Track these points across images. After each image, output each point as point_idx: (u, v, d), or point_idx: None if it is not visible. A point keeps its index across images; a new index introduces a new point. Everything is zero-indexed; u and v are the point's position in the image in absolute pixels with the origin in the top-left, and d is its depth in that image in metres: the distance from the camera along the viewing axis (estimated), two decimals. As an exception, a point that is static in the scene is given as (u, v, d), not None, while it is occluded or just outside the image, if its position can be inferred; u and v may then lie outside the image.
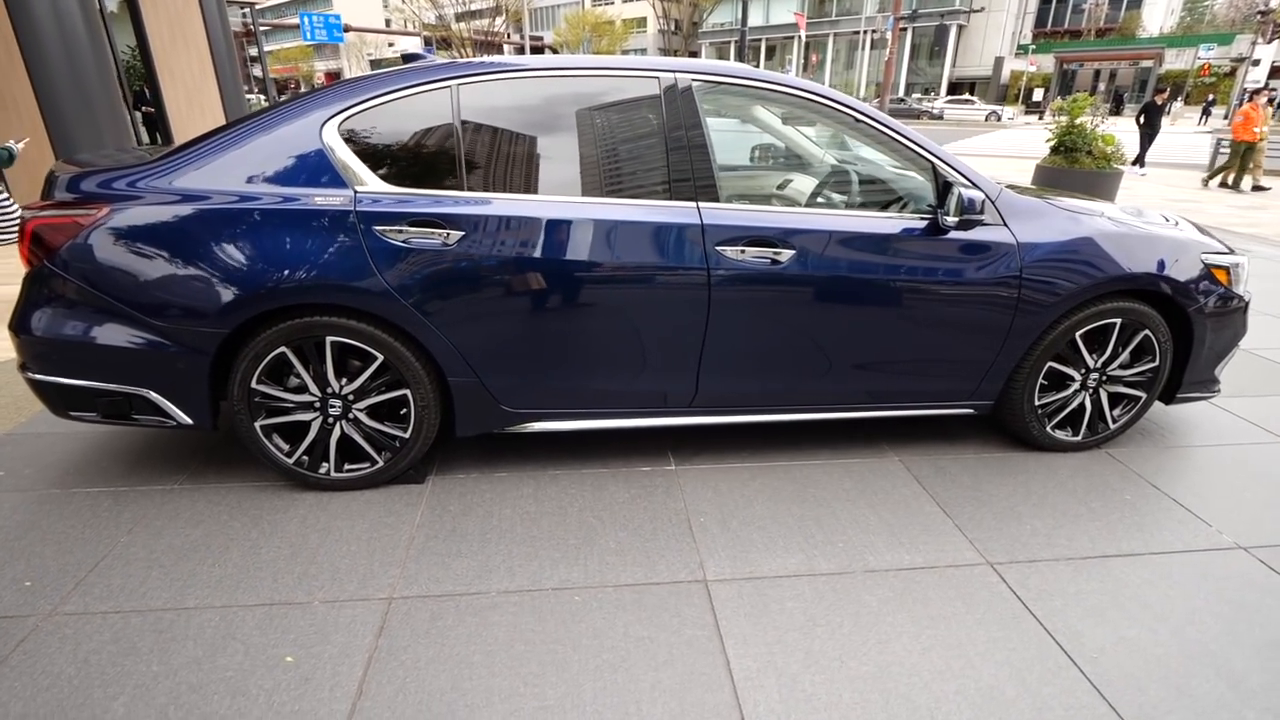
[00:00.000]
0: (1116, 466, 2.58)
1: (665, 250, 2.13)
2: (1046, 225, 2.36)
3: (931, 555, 2.06)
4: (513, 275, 2.08)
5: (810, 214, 2.28)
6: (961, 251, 2.28)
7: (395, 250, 2.01)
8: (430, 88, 2.08)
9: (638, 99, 2.17)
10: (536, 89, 2.13)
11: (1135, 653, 1.71)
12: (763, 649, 1.70)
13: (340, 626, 1.74)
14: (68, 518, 2.14)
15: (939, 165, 2.30)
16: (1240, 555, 2.10)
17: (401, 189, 2.05)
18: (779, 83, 2.27)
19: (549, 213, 2.08)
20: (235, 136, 2.04)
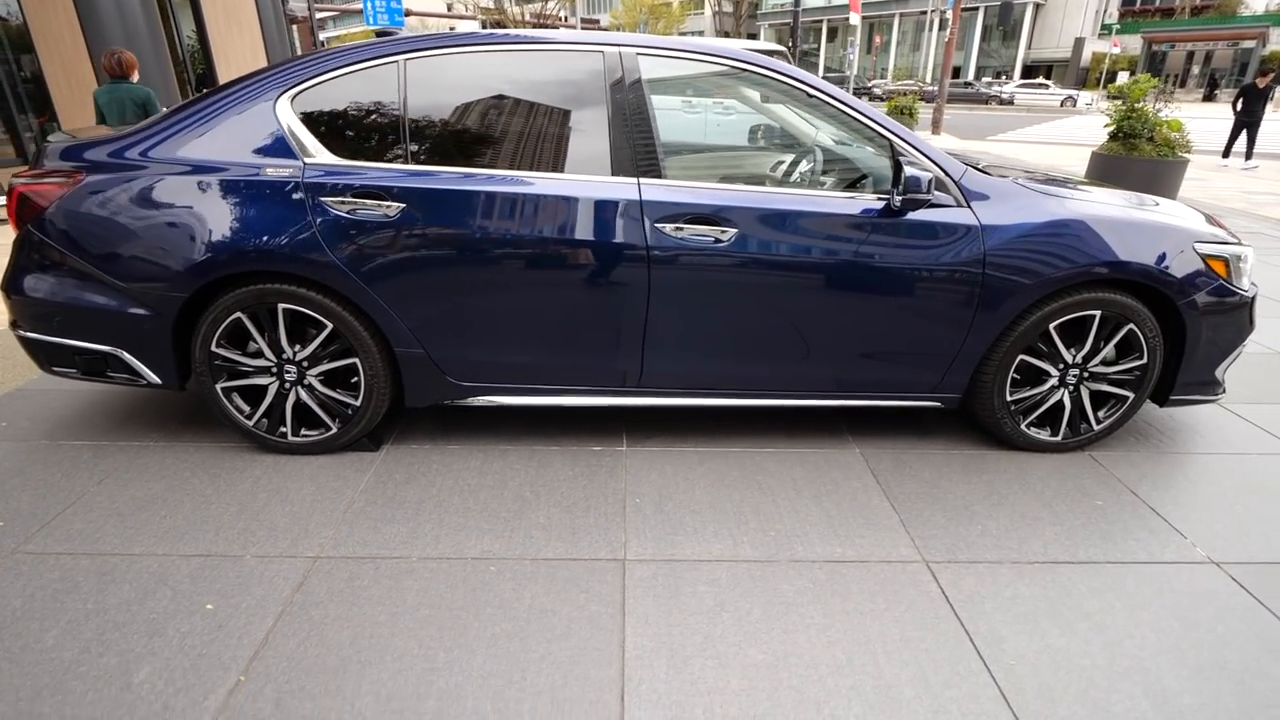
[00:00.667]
0: (1096, 470, 2.43)
1: (603, 226, 2.11)
2: (1014, 208, 2.22)
3: (865, 549, 1.99)
4: (452, 248, 2.11)
5: (754, 191, 2.21)
6: (917, 234, 2.18)
7: (340, 221, 2.07)
8: (379, 63, 2.12)
9: (581, 73, 2.14)
10: (482, 63, 2.14)
11: (1058, 663, 1.62)
12: (662, 630, 1.69)
13: (264, 580, 1.82)
14: (50, 466, 2.31)
15: (896, 143, 2.19)
16: (1210, 571, 1.94)
17: (348, 161, 2.10)
18: (724, 56, 2.20)
19: (488, 186, 2.09)
20: (202, 109, 2.13)
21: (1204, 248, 2.29)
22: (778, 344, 2.28)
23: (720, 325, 2.24)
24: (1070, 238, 2.20)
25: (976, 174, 2.25)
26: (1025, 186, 2.29)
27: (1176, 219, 2.34)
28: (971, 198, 2.21)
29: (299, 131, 2.10)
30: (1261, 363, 3.43)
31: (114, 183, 2.08)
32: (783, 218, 2.15)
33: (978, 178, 2.24)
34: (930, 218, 2.18)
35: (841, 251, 2.17)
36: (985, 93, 31.04)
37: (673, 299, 2.19)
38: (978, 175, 2.25)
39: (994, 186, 2.25)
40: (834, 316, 2.24)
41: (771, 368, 2.33)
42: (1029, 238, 2.19)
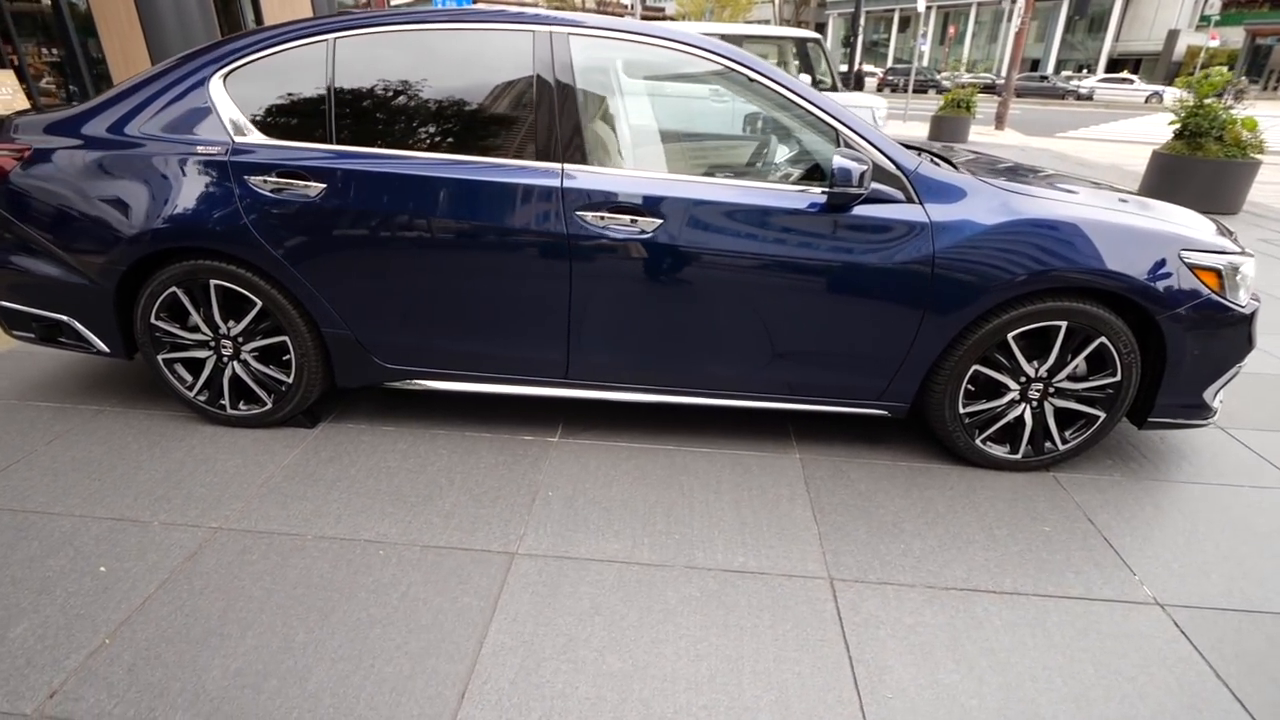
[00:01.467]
0: (1055, 493, 2.23)
1: (524, 213, 2.05)
2: (972, 205, 2.04)
3: (769, 561, 1.89)
4: (373, 231, 2.10)
5: (684, 181, 2.10)
6: (860, 229, 2.03)
7: (264, 200, 2.09)
8: (309, 41, 2.12)
9: (510, 54, 2.09)
10: (411, 42, 2.11)
11: (940, 702, 1.49)
12: (528, 628, 1.64)
13: (161, 547, 1.87)
14: (9, 424, 2.44)
15: (842, 132, 2.05)
16: (1151, 613, 1.75)
17: (275, 141, 2.12)
18: (660, 38, 2.10)
19: (409, 169, 2.06)
20: (145, 86, 2.19)
21: (1192, 256, 2.05)
22: (708, 341, 2.18)
23: (648, 319, 2.16)
24: (1030, 240, 2.01)
25: (932, 168, 2.08)
26: (987, 182, 2.10)
27: (1164, 224, 2.10)
28: (924, 193, 2.05)
29: (229, 110, 2.12)
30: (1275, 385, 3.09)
31: (58, 157, 2.16)
32: (714, 209, 2.04)
33: (934, 172, 2.08)
34: (875, 213, 2.03)
35: (777, 246, 2.04)
36: (1062, 87, 29.20)
37: (596, 290, 2.12)
38: (934, 170, 2.08)
39: (951, 182, 2.07)
40: (768, 314, 2.12)
41: (703, 366, 2.24)
42: (984, 238, 2.02)
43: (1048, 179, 2.41)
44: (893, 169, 2.04)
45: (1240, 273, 2.11)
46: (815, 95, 2.09)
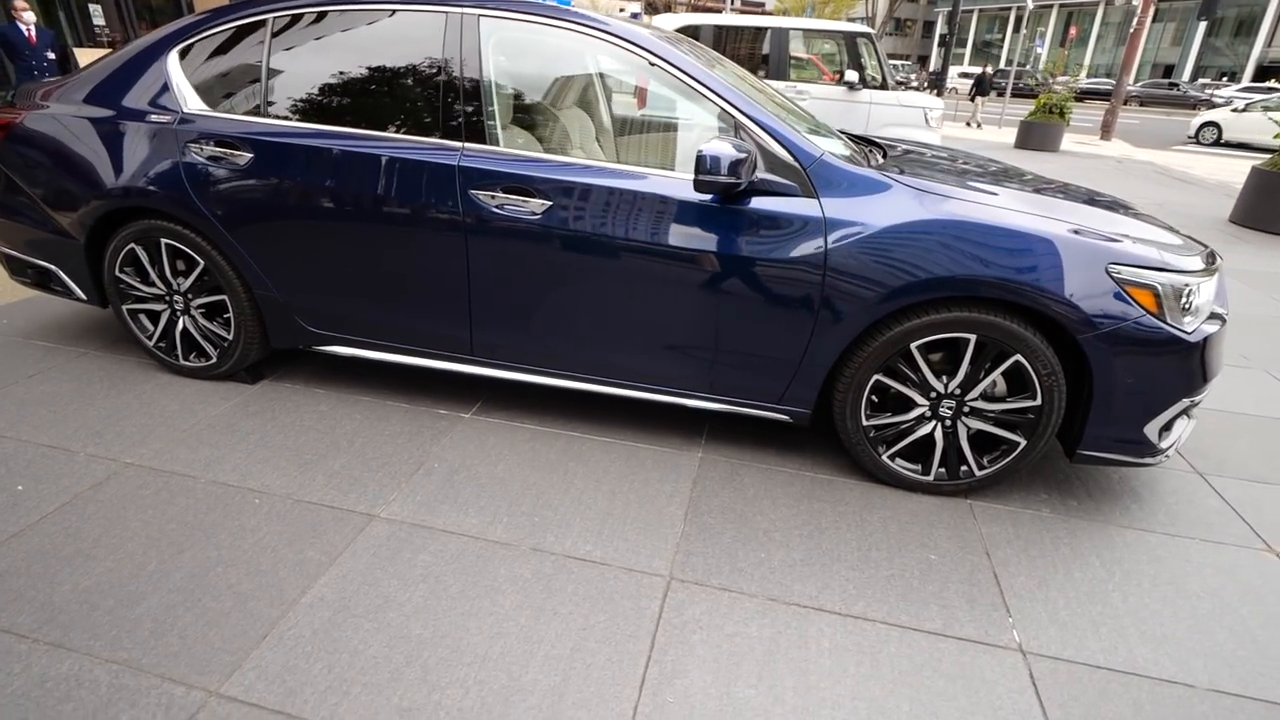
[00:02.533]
0: (962, 522, 2.06)
1: (425, 188, 2.11)
2: (874, 203, 1.92)
3: (616, 553, 1.86)
4: (293, 199, 2.22)
5: (573, 163, 2.08)
6: (746, 221, 1.95)
7: (202, 168, 2.25)
8: (251, 19, 2.26)
9: (424, 34, 2.14)
10: (339, 22, 2.21)
11: (722, 714, 1.42)
12: (353, 586, 1.70)
13: (76, 474, 2.07)
14: (6, 358, 2.76)
15: (738, 119, 1.97)
16: (1008, 659, 1.59)
17: (214, 112, 2.28)
18: (568, 20, 2.08)
19: (323, 142, 2.17)
20: (120, 58, 2.41)
21: (1123, 272, 1.83)
22: (600, 328, 2.17)
23: (540, 301, 2.17)
24: (930, 243, 1.86)
25: (834, 160, 1.97)
26: (898, 180, 1.96)
27: (1095, 235, 1.88)
28: (823, 188, 1.94)
29: (180, 83, 2.31)
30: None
31: (43, 122, 2.42)
32: (602, 194, 2.02)
33: (838, 166, 1.96)
34: (766, 205, 1.94)
35: (662, 235, 2.00)
36: (1194, 95, 26.37)
37: (491, 268, 2.15)
38: (838, 163, 1.97)
39: (857, 177, 1.95)
40: (654, 304, 2.08)
41: (598, 353, 2.22)
42: (880, 238, 1.89)
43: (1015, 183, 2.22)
44: (790, 160, 1.95)
45: (1188, 295, 1.86)
46: (717, 83, 2.02)
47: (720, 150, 1.80)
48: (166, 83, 2.32)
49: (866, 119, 6.90)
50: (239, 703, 1.40)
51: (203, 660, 1.49)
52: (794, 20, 6.99)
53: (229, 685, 1.44)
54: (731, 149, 1.81)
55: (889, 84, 6.81)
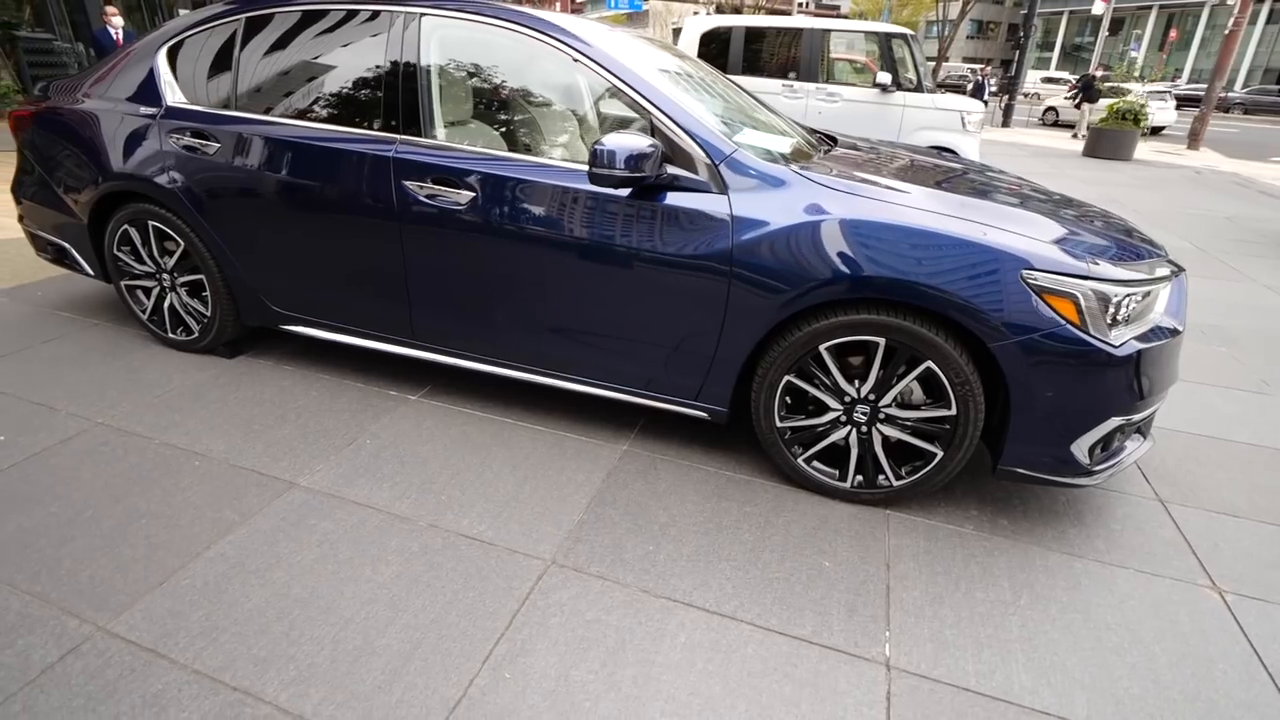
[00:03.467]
0: (872, 532, 1.99)
1: (364, 178, 2.22)
2: (781, 199, 1.89)
3: (507, 535, 1.90)
4: (253, 187, 2.39)
5: (492, 155, 2.15)
6: (656, 216, 1.96)
7: (179, 155, 2.46)
8: (227, 20, 2.45)
9: (371, 32, 2.25)
10: (300, 21, 2.36)
11: (553, 694, 1.45)
12: (253, 546, 1.82)
13: (51, 429, 2.29)
14: (30, 325, 3.07)
15: (652, 114, 1.98)
16: (869, 672, 1.54)
17: (192, 105, 2.48)
18: (495, 16, 2.14)
19: (275, 133, 2.32)
20: (123, 57, 2.66)
21: (1038, 278, 1.73)
22: (525, 316, 2.22)
23: (468, 288, 2.24)
24: (833, 241, 1.82)
25: (748, 158, 1.95)
26: (808, 177, 1.92)
27: (1012, 237, 1.78)
28: (733, 184, 1.93)
29: (166, 78, 2.52)
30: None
31: (54, 113, 2.69)
32: (519, 185, 2.08)
33: (748, 163, 1.94)
34: (674, 200, 1.95)
35: (574, 225, 2.04)
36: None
37: (423, 255, 2.24)
38: (751, 160, 1.94)
39: (769, 174, 1.93)
40: (573, 295, 2.12)
41: (527, 342, 2.28)
42: (780, 236, 1.86)
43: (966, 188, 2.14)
44: (702, 156, 1.94)
45: (1117, 306, 1.74)
46: (638, 79, 2.03)
47: (616, 144, 1.81)
48: (154, 78, 2.54)
49: (899, 122, 6.68)
50: (119, 639, 1.53)
51: (102, 599, 1.64)
52: (824, 21, 6.85)
53: (116, 623, 1.57)
54: (629, 143, 1.82)
55: (923, 87, 6.56)
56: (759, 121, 2.49)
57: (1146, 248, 2.05)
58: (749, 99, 2.82)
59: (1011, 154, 12.18)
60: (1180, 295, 2.01)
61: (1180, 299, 2.00)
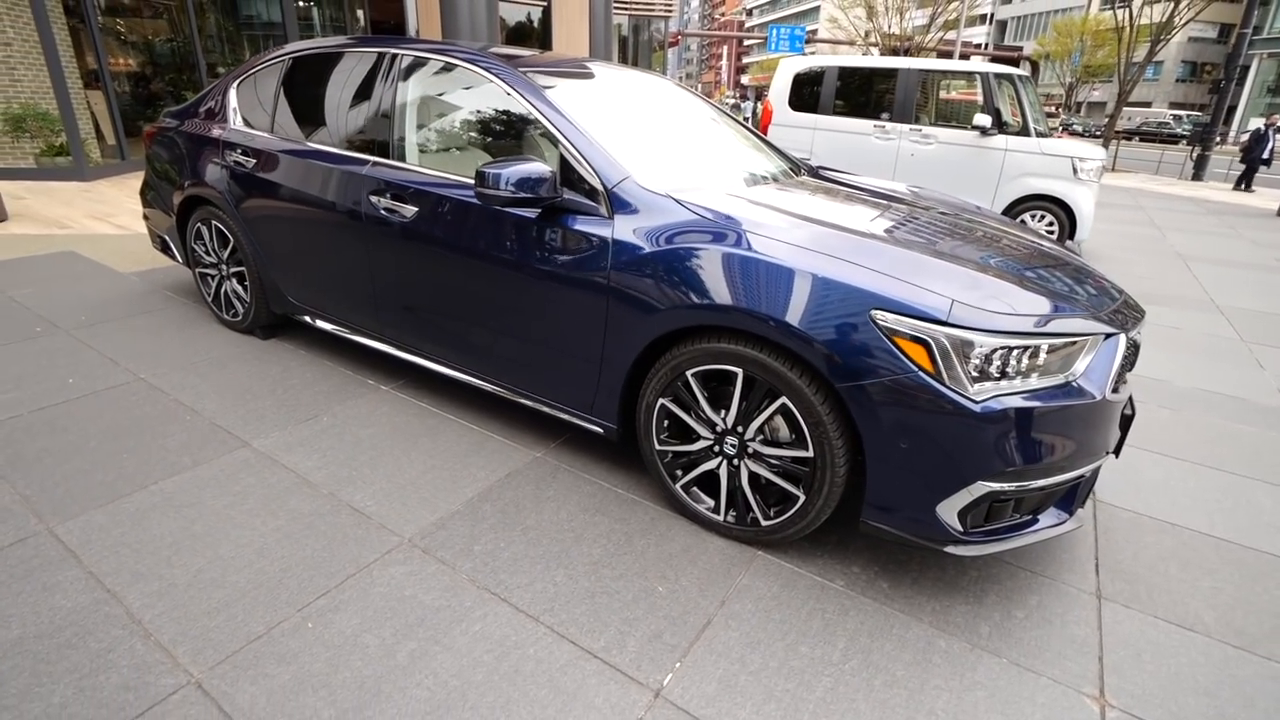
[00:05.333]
0: (728, 569, 1.93)
1: (344, 193, 2.58)
2: (658, 226, 1.95)
3: (383, 511, 2.10)
4: (272, 196, 2.86)
5: (425, 174, 2.41)
6: (551, 236, 2.10)
7: (231, 169, 3.00)
8: (276, 61, 2.96)
9: (371, 69, 2.63)
10: (330, 61, 2.81)
11: (335, 651, 1.59)
12: (188, 487, 2.17)
13: (106, 379, 2.86)
14: (138, 301, 3.82)
15: (560, 141, 2.12)
16: (636, 695, 1.53)
17: (246, 129, 3.01)
18: (443, 52, 2.45)
19: (283, 148, 2.79)
20: (210, 88, 3.30)
21: (888, 320, 1.62)
22: (460, 325, 2.44)
23: (419, 297, 2.51)
24: (685, 269, 1.85)
25: (636, 185, 2.02)
26: (684, 204, 1.97)
27: (871, 274, 1.69)
28: (619, 209, 2.01)
29: (233, 106, 3.09)
30: None
31: (163, 131, 3.39)
32: (441, 202, 2.32)
33: (634, 189, 2.01)
34: (571, 222, 2.07)
35: (487, 241, 2.23)
36: None
37: (382, 263, 2.55)
38: (636, 186, 2.01)
39: (652, 202, 1.99)
40: (491, 308, 2.30)
41: (462, 349, 2.49)
42: (649, 261, 1.91)
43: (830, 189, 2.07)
44: (595, 182, 2.05)
45: (985, 355, 1.58)
46: (552, 111, 2.19)
47: (502, 168, 1.97)
48: (226, 106, 3.13)
49: (1000, 168, 6.19)
50: (55, 538, 1.92)
51: (63, 507, 2.05)
52: (923, 61, 6.55)
53: (60, 527, 1.97)
54: (517, 167, 1.98)
55: (1030, 131, 6.03)
56: (735, 159, 2.59)
57: (1092, 303, 1.84)
58: (743, 139, 2.93)
59: (1177, 208, 10.67)
60: (1109, 359, 1.77)
61: (1101, 366, 1.75)
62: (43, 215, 5.79)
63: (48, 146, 7.58)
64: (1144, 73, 20.96)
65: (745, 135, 3.05)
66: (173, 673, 1.53)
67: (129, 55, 9.34)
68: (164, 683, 1.50)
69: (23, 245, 4.81)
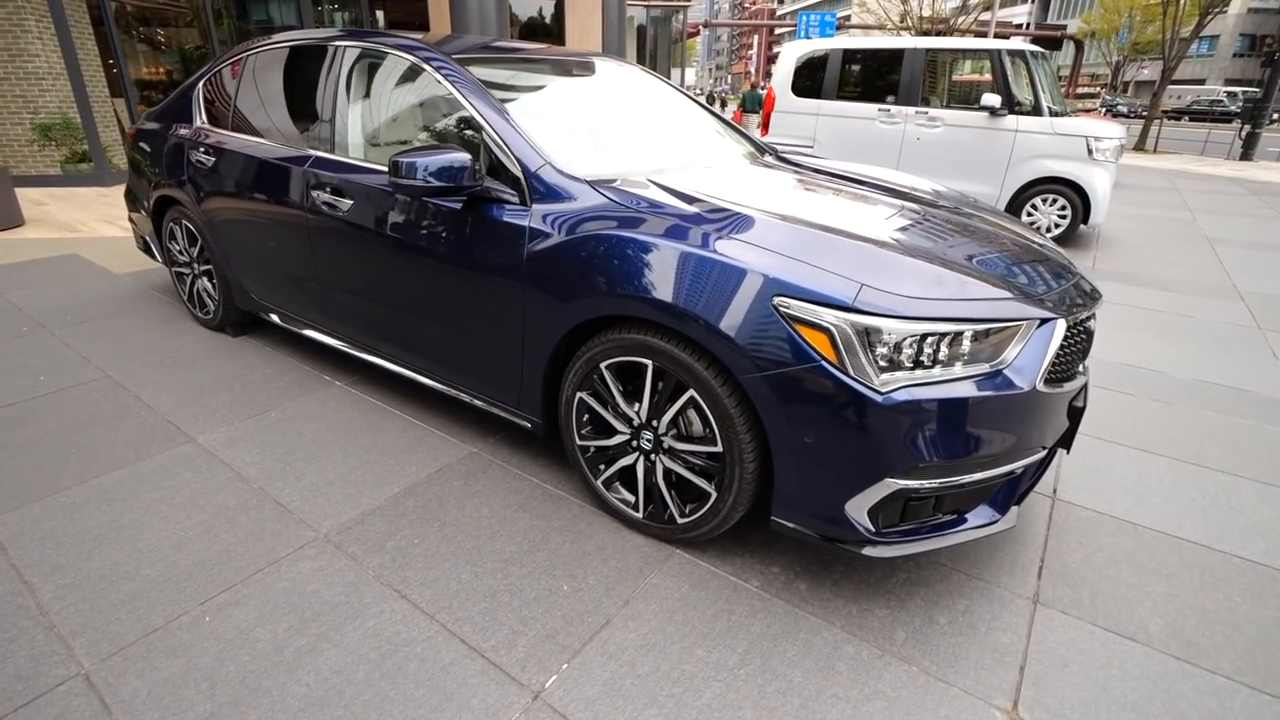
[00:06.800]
0: (642, 567, 1.87)
1: (290, 187, 2.60)
2: (572, 214, 1.90)
3: (306, 506, 2.10)
4: (225, 194, 2.90)
5: (361, 165, 2.40)
6: (476, 225, 2.07)
7: (195, 165, 3.05)
8: (237, 57, 2.99)
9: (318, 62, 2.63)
10: (280, 56, 2.82)
11: (224, 642, 1.59)
12: (126, 481, 2.21)
13: (75, 375, 2.94)
14: (125, 300, 3.93)
15: (484, 129, 2.08)
16: (514, 696, 1.49)
17: (208, 126, 3.06)
18: (371, 40, 2.45)
19: (237, 145, 2.81)
20: (181, 88, 3.36)
21: (793, 306, 1.54)
22: (391, 317, 2.43)
23: (354, 288, 2.50)
24: (591, 257, 1.80)
25: (553, 171, 1.96)
26: (598, 190, 1.91)
27: (775, 258, 1.60)
28: (536, 196, 1.96)
29: (199, 105, 3.14)
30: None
31: (140, 133, 3.47)
32: (372, 193, 2.31)
33: (551, 176, 1.96)
34: (493, 211, 2.03)
35: (415, 234, 2.21)
36: None
37: (325, 255, 2.55)
38: (553, 173, 1.96)
39: (566, 187, 1.94)
40: (420, 300, 2.28)
41: (395, 341, 2.48)
42: (560, 250, 1.86)
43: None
44: (514, 169, 2.00)
45: (895, 343, 1.49)
46: (479, 99, 2.15)
47: (417, 158, 1.93)
48: (190, 104, 3.18)
49: (1010, 150, 5.92)
50: (-12, 532, 1.98)
51: (4, 502, 2.11)
52: (930, 41, 6.29)
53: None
54: (434, 157, 1.93)
55: (1042, 110, 5.74)
56: (685, 145, 2.55)
57: (1032, 286, 1.73)
58: (703, 126, 2.89)
59: (1217, 190, 10.09)
60: (1043, 347, 1.65)
61: (1042, 351, 1.64)
62: (58, 220, 6.03)
63: (71, 154, 7.89)
64: (1188, 48, 19.84)
65: (707, 122, 2.97)
66: (65, 664, 1.55)
67: (152, 63, 9.66)
68: (55, 674, 1.53)
69: (32, 249, 5.02)
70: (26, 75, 7.75)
